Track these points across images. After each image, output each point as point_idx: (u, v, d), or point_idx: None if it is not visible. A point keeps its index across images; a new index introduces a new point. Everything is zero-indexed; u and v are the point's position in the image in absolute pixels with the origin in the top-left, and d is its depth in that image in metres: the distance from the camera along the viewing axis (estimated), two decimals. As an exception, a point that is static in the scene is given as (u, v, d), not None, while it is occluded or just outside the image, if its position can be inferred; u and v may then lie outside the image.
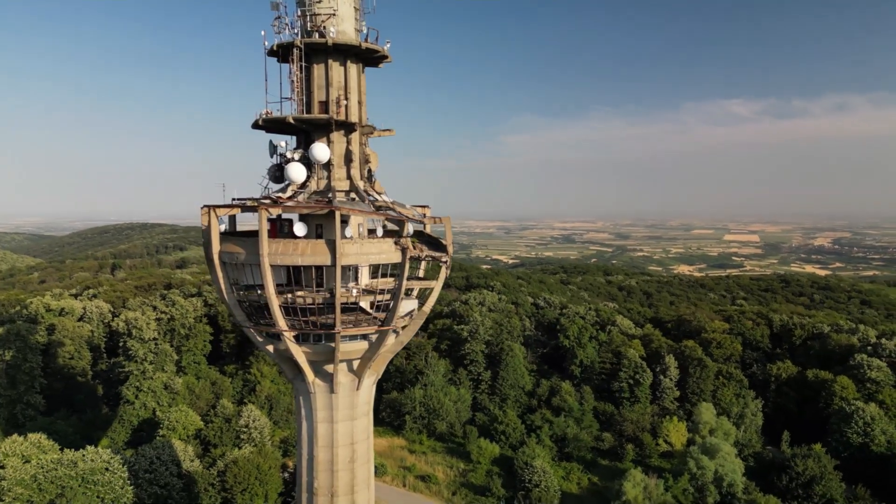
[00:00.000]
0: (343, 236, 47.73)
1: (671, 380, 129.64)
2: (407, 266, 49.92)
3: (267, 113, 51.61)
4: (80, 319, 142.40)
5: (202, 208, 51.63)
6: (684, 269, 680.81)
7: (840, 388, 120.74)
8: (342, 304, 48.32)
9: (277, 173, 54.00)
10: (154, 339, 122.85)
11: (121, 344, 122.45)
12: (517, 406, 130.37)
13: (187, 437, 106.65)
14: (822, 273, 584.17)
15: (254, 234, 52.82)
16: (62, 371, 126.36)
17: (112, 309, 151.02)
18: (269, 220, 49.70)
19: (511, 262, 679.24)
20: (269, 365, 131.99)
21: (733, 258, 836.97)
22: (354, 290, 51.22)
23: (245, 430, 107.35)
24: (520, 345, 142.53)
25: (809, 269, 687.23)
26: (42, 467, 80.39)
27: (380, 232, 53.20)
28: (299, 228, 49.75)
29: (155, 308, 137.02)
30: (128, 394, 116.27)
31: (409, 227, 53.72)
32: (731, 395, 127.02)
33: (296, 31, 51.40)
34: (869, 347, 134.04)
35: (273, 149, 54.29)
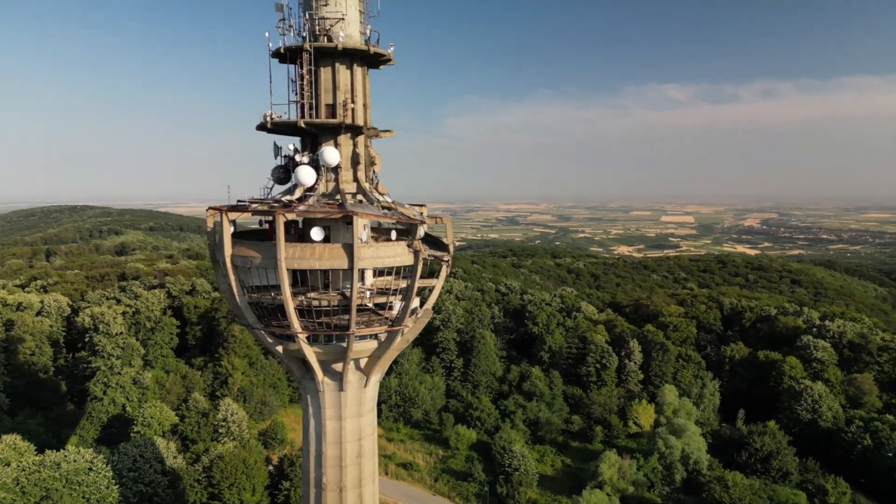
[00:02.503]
0: (359, 240, 48.45)
1: (635, 363, 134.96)
2: (420, 268, 51.21)
3: (273, 115, 51.66)
4: (39, 314, 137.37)
5: (208, 210, 51.20)
6: (624, 250, 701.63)
7: (789, 367, 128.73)
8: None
9: (282, 175, 54.06)
10: (120, 333, 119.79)
11: (86, 339, 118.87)
12: (489, 392, 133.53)
13: (163, 432, 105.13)
14: (753, 252, 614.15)
15: (258, 235, 53.10)
16: (23, 368, 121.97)
17: (71, 302, 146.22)
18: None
19: (458, 244, 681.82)
20: (240, 357, 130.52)
21: (670, 239, 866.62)
22: (367, 292, 52.17)
23: (223, 424, 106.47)
24: (490, 332, 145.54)
25: (740, 248, 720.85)
26: (24, 470, 78.51)
27: (394, 235, 54.09)
28: (316, 233, 49.76)
29: (119, 301, 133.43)
30: (95, 390, 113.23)
31: (422, 230, 54.77)
32: (691, 376, 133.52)
33: (303, 34, 51.11)
34: (814, 329, 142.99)
35: (277, 150, 54.35)
